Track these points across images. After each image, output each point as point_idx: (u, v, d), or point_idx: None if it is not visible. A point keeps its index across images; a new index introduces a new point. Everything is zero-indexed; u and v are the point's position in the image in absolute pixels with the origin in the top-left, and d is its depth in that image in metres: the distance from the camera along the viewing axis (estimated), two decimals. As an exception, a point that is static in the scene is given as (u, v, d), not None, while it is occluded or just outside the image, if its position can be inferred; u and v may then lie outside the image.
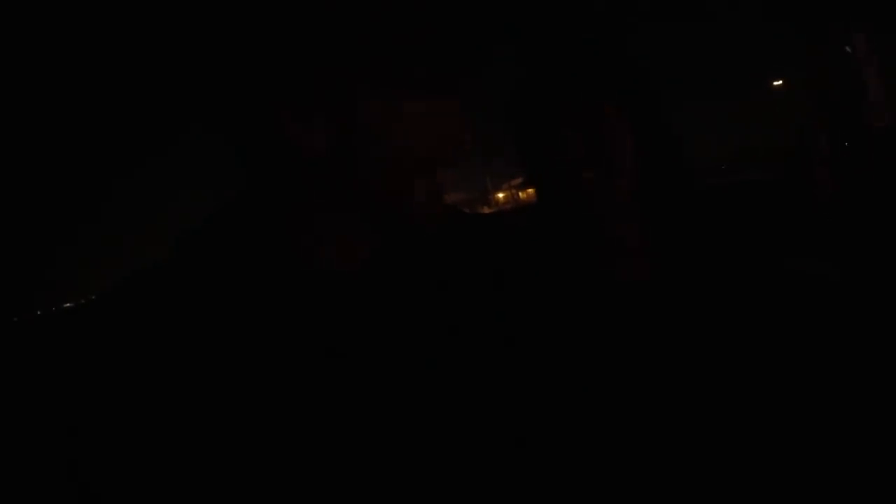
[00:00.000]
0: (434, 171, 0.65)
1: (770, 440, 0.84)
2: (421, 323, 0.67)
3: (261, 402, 0.57)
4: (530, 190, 1.03)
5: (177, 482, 0.54)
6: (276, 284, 0.61)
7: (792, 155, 2.96)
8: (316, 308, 0.62)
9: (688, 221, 0.97)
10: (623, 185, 0.87)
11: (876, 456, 0.89)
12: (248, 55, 0.58)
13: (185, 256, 0.64)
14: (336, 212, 0.63)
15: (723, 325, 0.87)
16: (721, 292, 0.89)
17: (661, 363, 0.84)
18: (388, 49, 0.59)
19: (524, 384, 0.71)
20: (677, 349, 0.85)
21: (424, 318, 0.67)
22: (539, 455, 0.69)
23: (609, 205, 0.87)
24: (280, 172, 0.62)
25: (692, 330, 0.86)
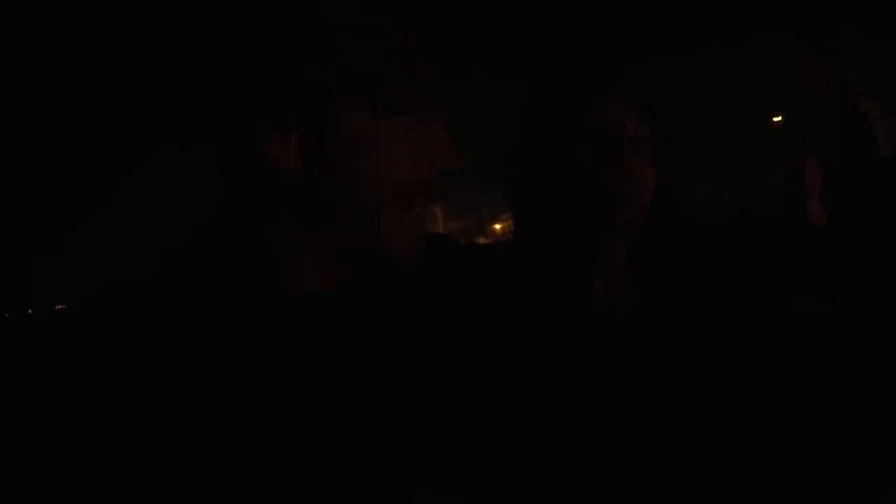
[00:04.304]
0: (416, 195, 0.62)
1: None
2: (394, 349, 0.65)
3: (226, 418, 0.55)
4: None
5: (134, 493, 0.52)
6: (250, 304, 0.60)
7: (787, 191, 2.98)
8: (288, 329, 0.60)
9: (681, 253, 0.98)
10: (631, 217, 0.87)
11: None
12: (227, 65, 0.57)
13: (163, 272, 0.63)
14: (311, 232, 0.61)
15: (705, 355, 0.87)
16: (708, 324, 0.90)
17: (643, 382, 0.85)
18: (369, 65, 0.57)
19: (494, 412, 0.68)
20: (659, 371, 0.85)
21: (398, 344, 0.65)
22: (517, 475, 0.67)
23: (612, 232, 0.87)
24: (255, 188, 0.60)
25: (675, 355, 0.87)
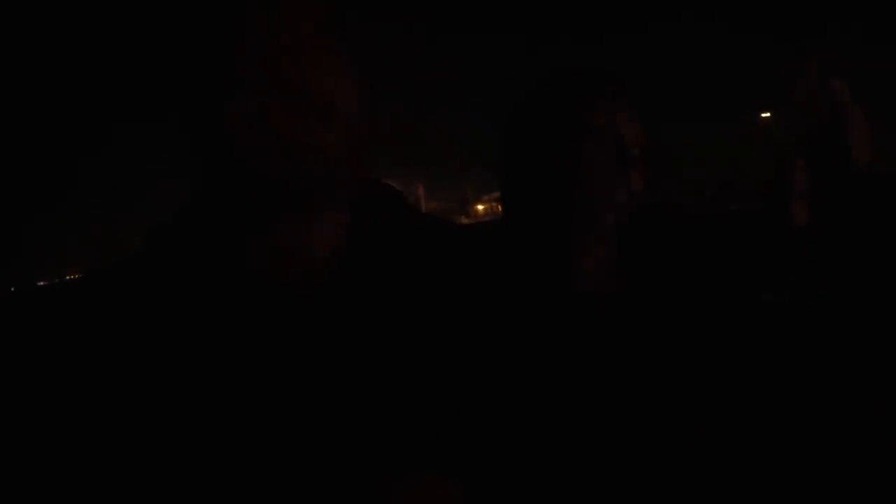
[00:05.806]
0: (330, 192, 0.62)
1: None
2: (379, 332, 0.64)
3: (203, 401, 0.55)
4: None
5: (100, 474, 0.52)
6: (233, 291, 0.59)
7: (771, 188, 3.02)
8: (271, 315, 0.59)
9: (664, 244, 0.99)
10: (620, 213, 0.89)
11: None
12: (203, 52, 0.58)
13: (151, 254, 0.63)
14: (293, 216, 0.61)
15: (677, 339, 0.89)
16: (682, 310, 0.92)
17: (618, 371, 0.86)
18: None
19: (483, 390, 0.68)
20: (636, 352, 0.87)
21: (383, 328, 0.65)
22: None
23: (601, 228, 0.89)
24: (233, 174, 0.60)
25: (650, 338, 0.88)
